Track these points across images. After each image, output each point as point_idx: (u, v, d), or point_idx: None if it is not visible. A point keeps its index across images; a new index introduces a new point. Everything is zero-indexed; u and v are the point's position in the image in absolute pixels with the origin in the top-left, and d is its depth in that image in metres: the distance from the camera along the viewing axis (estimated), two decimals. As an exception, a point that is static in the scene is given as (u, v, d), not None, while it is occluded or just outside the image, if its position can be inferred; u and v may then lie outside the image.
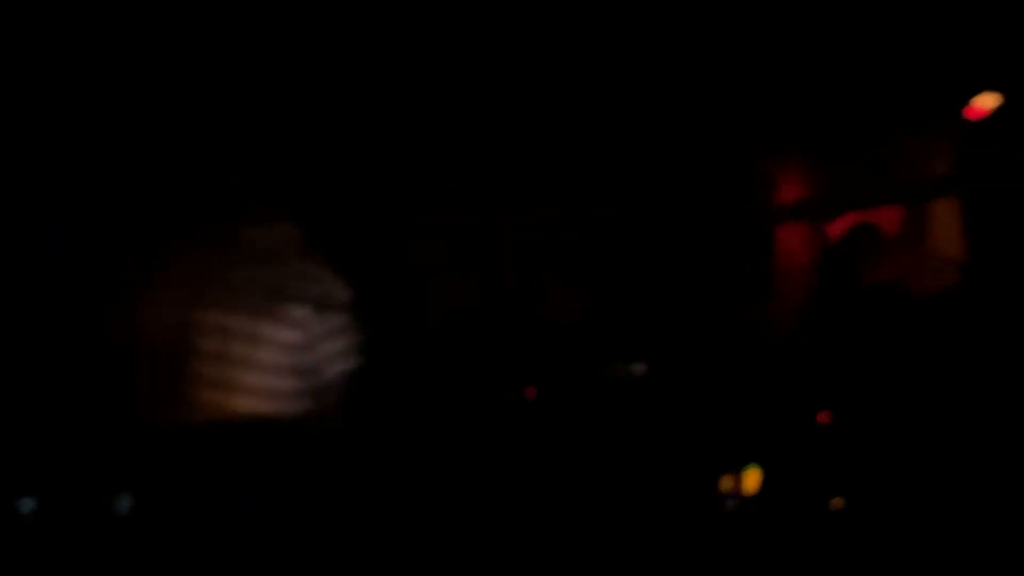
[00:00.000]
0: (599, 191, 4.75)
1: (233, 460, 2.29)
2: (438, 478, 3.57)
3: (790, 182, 4.82)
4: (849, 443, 3.03)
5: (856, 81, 4.14)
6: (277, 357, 2.30)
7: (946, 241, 3.72)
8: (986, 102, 3.61)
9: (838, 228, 4.25)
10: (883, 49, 3.96)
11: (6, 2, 3.29)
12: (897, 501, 2.64)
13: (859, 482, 2.88)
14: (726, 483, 3.33)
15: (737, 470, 3.32)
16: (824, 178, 4.63)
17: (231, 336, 2.28)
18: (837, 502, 2.98)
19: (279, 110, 2.60)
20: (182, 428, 2.30)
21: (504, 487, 3.60)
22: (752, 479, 3.28)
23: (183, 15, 3.52)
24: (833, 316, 3.39)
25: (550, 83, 4.38)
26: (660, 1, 4.00)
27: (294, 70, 3.54)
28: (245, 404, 2.29)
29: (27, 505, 2.82)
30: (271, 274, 2.30)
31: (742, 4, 3.98)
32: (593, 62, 4.28)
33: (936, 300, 3.00)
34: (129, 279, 2.63)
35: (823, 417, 3.22)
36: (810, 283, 4.12)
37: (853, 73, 4.10)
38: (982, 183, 3.68)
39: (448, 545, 3.26)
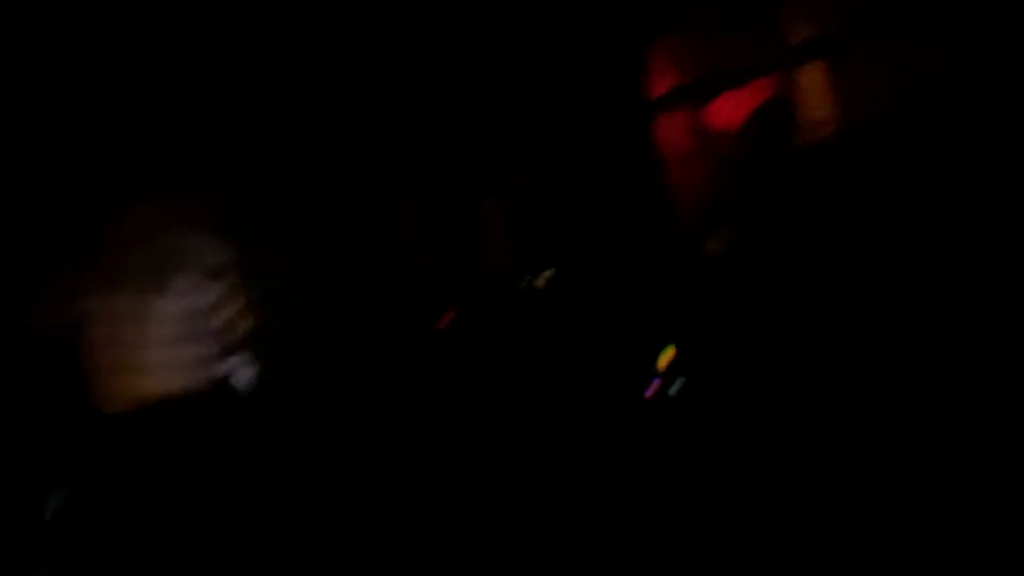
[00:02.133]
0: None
1: (158, 441, 2.28)
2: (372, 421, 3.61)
3: (662, 71, 4.86)
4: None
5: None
6: (173, 329, 2.29)
7: (817, 103, 3.82)
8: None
9: (735, 108, 4.32)
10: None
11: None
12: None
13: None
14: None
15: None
16: (694, 62, 4.68)
17: (124, 318, 2.26)
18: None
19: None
20: (99, 418, 2.28)
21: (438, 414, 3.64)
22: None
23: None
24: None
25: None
26: None
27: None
28: (153, 382, 2.28)
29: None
30: (155, 250, 2.28)
31: None
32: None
33: (817, 158, 3.09)
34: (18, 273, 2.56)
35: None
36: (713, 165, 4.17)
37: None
38: (847, 42, 3.79)
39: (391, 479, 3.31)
